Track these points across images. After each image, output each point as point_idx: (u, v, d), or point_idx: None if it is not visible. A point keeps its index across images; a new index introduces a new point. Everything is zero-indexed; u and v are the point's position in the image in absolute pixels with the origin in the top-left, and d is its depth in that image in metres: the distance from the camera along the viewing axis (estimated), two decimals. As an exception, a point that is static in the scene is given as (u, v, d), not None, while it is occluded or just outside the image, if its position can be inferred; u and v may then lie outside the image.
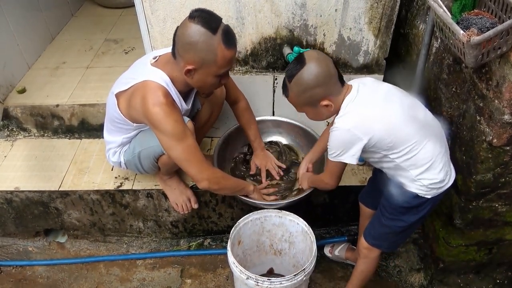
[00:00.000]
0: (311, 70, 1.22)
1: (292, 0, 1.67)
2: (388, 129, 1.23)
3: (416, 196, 1.30)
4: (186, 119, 1.54)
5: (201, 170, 1.48)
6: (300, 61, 1.24)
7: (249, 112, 1.83)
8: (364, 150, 1.27)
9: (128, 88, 1.46)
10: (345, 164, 1.33)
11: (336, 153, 1.28)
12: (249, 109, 1.83)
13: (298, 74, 1.23)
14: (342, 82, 1.27)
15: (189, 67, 1.35)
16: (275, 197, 1.76)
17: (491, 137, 1.27)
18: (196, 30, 1.29)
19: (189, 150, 1.44)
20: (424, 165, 1.26)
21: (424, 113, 1.31)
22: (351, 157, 1.26)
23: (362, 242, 1.51)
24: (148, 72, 1.44)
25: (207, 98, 1.72)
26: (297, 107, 1.34)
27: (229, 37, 1.33)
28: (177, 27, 1.36)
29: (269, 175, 1.87)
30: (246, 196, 1.67)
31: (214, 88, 1.54)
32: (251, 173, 1.87)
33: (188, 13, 1.34)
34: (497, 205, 1.47)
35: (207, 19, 1.30)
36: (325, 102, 1.25)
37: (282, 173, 1.86)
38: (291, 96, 1.30)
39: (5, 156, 2.05)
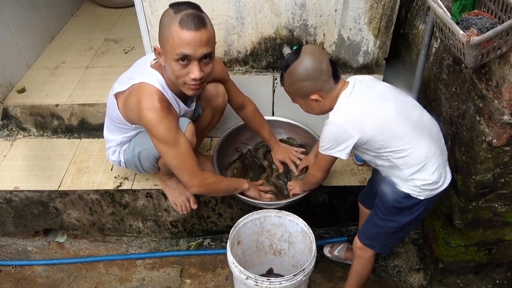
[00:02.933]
0: (303, 63, 1.24)
1: (292, 0, 1.67)
2: (380, 127, 1.23)
3: (409, 196, 1.31)
4: (187, 120, 1.53)
5: (192, 177, 1.49)
6: (296, 53, 1.27)
7: (259, 115, 1.82)
8: (358, 148, 1.28)
9: (126, 89, 1.46)
10: (334, 159, 1.34)
11: (326, 146, 1.29)
12: (258, 112, 1.82)
13: (291, 66, 1.26)
14: (336, 79, 1.28)
15: (156, 47, 1.36)
16: (271, 196, 1.76)
17: (490, 137, 1.27)
18: (166, 11, 1.31)
19: (180, 157, 1.44)
20: (417, 165, 1.26)
21: (420, 113, 1.31)
22: (340, 152, 1.27)
23: (356, 242, 1.51)
24: (146, 73, 1.44)
25: (209, 104, 1.70)
26: (290, 97, 1.36)
27: (187, 19, 1.27)
28: None
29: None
30: (246, 195, 1.67)
31: (185, 82, 1.36)
32: (280, 171, 1.87)
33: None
34: (496, 206, 1.47)
35: (181, 4, 1.31)
36: (314, 97, 1.27)
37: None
38: (285, 86, 1.34)
39: (4, 156, 2.05)
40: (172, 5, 1.32)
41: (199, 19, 1.28)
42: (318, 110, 1.33)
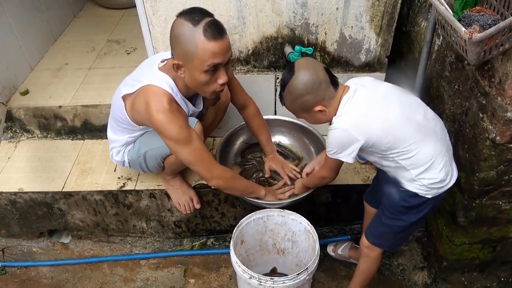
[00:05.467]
0: (300, 78, 1.24)
1: (293, -1, 1.67)
2: (386, 129, 1.23)
3: (416, 195, 1.30)
4: (195, 120, 1.54)
5: (210, 170, 1.49)
6: (290, 70, 1.27)
7: (259, 117, 1.81)
8: (363, 150, 1.27)
9: (134, 91, 1.46)
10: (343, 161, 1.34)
11: (333, 151, 1.29)
12: (259, 114, 1.81)
13: (289, 84, 1.26)
14: (335, 85, 1.28)
15: (176, 61, 1.34)
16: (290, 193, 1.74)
17: (494, 135, 1.26)
18: (179, 24, 1.30)
19: (196, 152, 1.45)
20: (424, 165, 1.25)
21: (424, 112, 1.30)
22: (347, 156, 1.27)
23: (363, 241, 1.51)
24: (153, 75, 1.44)
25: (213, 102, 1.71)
26: (294, 114, 1.37)
27: (210, 29, 1.28)
28: None
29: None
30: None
31: (213, 89, 1.42)
32: (266, 176, 1.84)
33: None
34: (500, 203, 1.46)
35: (192, 13, 1.30)
36: (318, 108, 1.27)
37: (299, 176, 1.81)
38: (286, 104, 1.34)
39: (8, 158, 2.06)
40: (184, 16, 1.30)
41: (220, 26, 1.32)
42: (324, 119, 1.32)
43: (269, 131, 2.01)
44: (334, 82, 1.27)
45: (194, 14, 1.29)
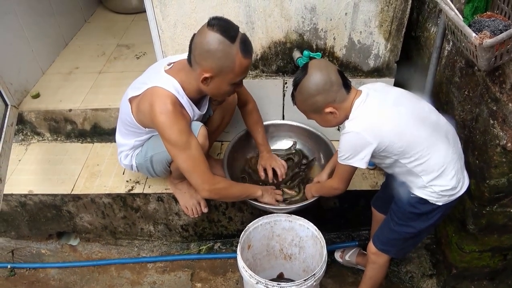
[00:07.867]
0: (311, 78, 1.25)
1: (302, 4, 1.67)
2: (398, 133, 1.22)
3: (427, 202, 1.29)
4: (200, 124, 1.55)
5: (203, 181, 1.49)
6: (303, 70, 1.28)
7: (255, 114, 1.82)
8: (375, 155, 1.26)
9: (140, 94, 1.48)
10: (355, 168, 1.33)
11: (345, 156, 1.28)
12: (256, 111, 1.82)
13: (301, 83, 1.27)
14: (348, 88, 1.27)
15: (206, 75, 1.36)
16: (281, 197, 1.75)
17: (505, 141, 1.25)
18: (215, 38, 1.30)
19: (192, 160, 1.45)
20: (435, 171, 1.24)
21: (437, 118, 1.29)
22: (360, 161, 1.26)
23: (371, 247, 1.49)
24: (160, 78, 1.46)
25: (220, 105, 1.72)
26: (305, 114, 1.37)
27: (247, 46, 1.36)
28: (194, 34, 1.37)
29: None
30: (256, 200, 1.66)
31: (228, 95, 1.54)
32: (261, 177, 1.85)
33: (199, 19, 1.35)
34: (511, 210, 1.44)
35: (225, 27, 1.32)
36: (328, 109, 1.27)
37: (283, 171, 1.83)
38: (297, 104, 1.34)
39: (19, 160, 2.09)
40: (218, 31, 1.30)
41: (250, 42, 1.39)
42: (335, 122, 1.32)
43: (277, 136, 2.02)
44: (347, 85, 1.27)
45: (229, 30, 1.32)
